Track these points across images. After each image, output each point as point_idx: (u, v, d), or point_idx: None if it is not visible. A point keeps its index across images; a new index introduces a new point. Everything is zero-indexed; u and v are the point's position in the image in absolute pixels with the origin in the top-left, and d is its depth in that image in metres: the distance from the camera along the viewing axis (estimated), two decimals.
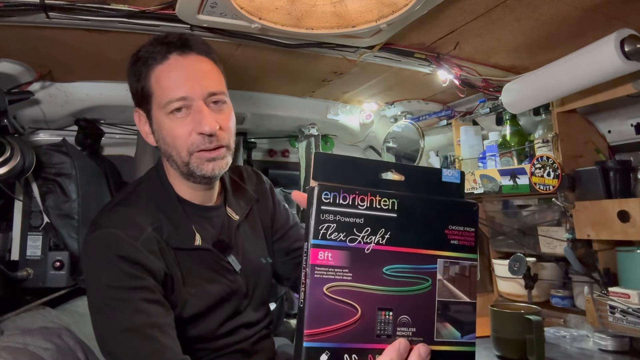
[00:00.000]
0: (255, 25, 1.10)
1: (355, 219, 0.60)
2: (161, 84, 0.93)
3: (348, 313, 0.58)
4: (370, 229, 0.60)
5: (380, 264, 0.60)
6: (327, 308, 0.57)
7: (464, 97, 1.67)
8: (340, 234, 0.59)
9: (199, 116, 0.93)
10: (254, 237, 1.12)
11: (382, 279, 0.60)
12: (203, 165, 0.95)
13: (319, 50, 1.36)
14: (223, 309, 1.00)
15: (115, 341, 0.83)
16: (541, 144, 1.46)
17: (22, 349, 1.05)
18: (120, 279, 0.85)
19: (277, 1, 1.05)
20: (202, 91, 0.93)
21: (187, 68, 0.94)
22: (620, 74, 1.13)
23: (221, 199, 1.09)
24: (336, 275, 0.58)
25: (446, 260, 0.62)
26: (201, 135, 0.93)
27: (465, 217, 0.64)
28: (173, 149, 0.95)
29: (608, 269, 1.36)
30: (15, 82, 1.41)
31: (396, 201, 0.61)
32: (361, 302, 0.58)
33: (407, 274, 0.61)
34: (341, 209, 0.59)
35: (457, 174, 0.68)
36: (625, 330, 1.22)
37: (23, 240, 1.50)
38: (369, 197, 0.60)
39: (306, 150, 2.23)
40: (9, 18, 1.06)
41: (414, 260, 0.61)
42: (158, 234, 0.93)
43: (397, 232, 0.61)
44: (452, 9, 1.09)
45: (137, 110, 1.01)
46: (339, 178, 0.62)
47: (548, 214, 1.59)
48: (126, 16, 1.09)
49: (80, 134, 1.79)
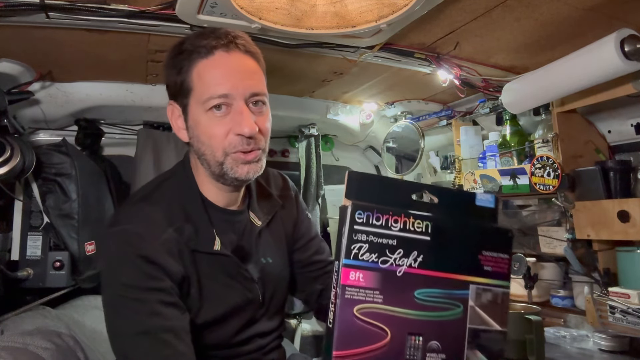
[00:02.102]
0: (255, 25, 1.10)
1: (388, 240, 0.59)
2: (203, 79, 0.90)
3: (377, 336, 0.57)
4: (402, 251, 0.59)
5: (411, 287, 0.59)
6: (356, 330, 0.56)
7: (464, 97, 1.67)
8: (373, 255, 0.58)
9: (239, 117, 0.90)
10: (275, 245, 1.08)
11: (413, 302, 0.59)
12: (238, 167, 0.92)
13: (319, 50, 1.36)
14: (238, 318, 0.97)
15: (129, 343, 0.82)
16: (541, 144, 1.46)
17: (22, 349, 1.05)
18: (138, 279, 0.83)
19: (277, 1, 1.05)
20: (245, 90, 0.91)
21: (232, 65, 0.91)
22: (620, 74, 1.13)
23: (245, 203, 1.05)
24: (367, 297, 0.58)
25: (479, 286, 0.61)
26: (239, 136, 0.90)
27: (499, 244, 0.63)
28: (208, 148, 0.92)
29: (608, 269, 1.35)
30: (15, 82, 1.41)
31: (430, 224, 0.60)
32: (391, 325, 0.58)
33: (439, 299, 0.60)
34: (374, 229, 0.59)
35: (491, 199, 0.66)
36: (625, 330, 1.22)
37: (23, 240, 1.50)
38: (402, 218, 0.60)
39: (306, 150, 2.23)
40: (9, 18, 1.06)
41: (446, 285, 0.60)
42: (178, 235, 0.90)
43: (430, 256, 0.60)
44: (452, 9, 1.09)
45: (171, 104, 0.97)
46: (371, 197, 0.61)
47: (548, 214, 1.59)
48: (126, 16, 1.09)
49: (80, 134, 1.79)
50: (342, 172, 2.56)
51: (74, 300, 1.57)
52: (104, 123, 1.89)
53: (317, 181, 2.23)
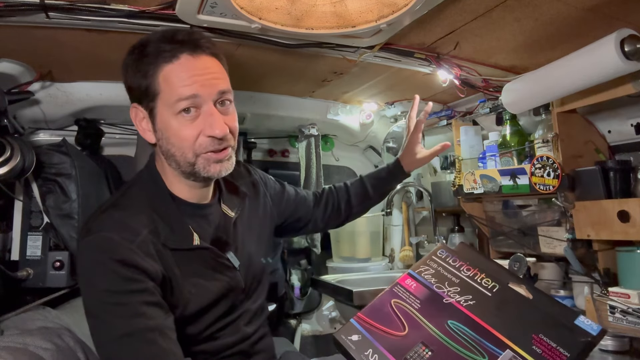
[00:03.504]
0: (255, 25, 1.10)
1: (452, 277, 0.70)
2: (171, 83, 0.91)
3: (396, 325, 0.68)
4: (459, 290, 0.69)
5: (449, 315, 0.67)
6: (385, 311, 0.70)
7: (464, 97, 1.67)
8: (433, 278, 0.71)
9: (209, 119, 0.92)
10: (250, 232, 1.13)
11: (442, 325, 0.66)
12: (210, 166, 0.95)
13: (319, 50, 1.36)
14: (221, 305, 1.00)
15: (114, 347, 0.82)
16: (541, 144, 1.46)
17: (22, 349, 1.05)
18: (117, 283, 0.84)
19: (277, 1, 1.05)
20: (212, 90, 0.93)
21: (198, 68, 0.93)
22: (620, 74, 1.13)
23: (216, 197, 1.08)
24: (407, 299, 0.70)
25: (516, 355, 0.62)
26: (210, 137, 0.92)
27: (567, 340, 0.63)
28: (178, 150, 0.94)
29: (608, 269, 1.35)
30: (15, 82, 1.41)
31: (497, 286, 0.67)
32: (412, 327, 0.67)
33: (467, 338, 0.65)
34: (446, 265, 0.71)
35: (596, 328, 0.66)
36: (625, 330, 1.22)
37: (23, 240, 1.50)
38: (475, 270, 0.70)
39: (306, 150, 2.23)
40: (9, 18, 1.06)
41: (483, 334, 0.65)
42: (154, 236, 0.91)
43: (482, 306, 0.67)
44: (452, 9, 1.09)
45: (135, 107, 0.98)
46: (466, 257, 0.72)
47: (548, 214, 1.59)
48: (126, 16, 1.09)
49: (80, 134, 1.79)
50: (342, 172, 2.56)
51: (74, 300, 1.57)
52: (104, 123, 1.89)
53: (317, 181, 2.23)
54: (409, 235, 2.33)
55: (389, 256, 2.41)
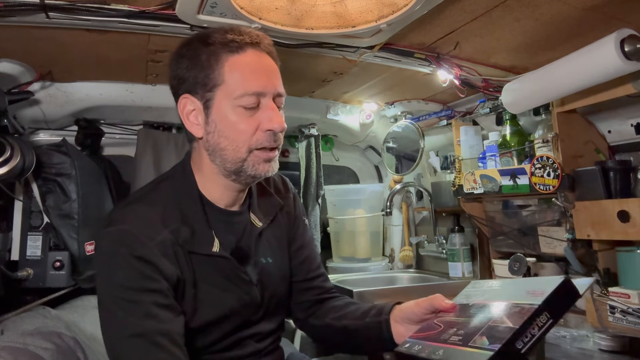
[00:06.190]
0: (255, 25, 1.10)
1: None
2: (235, 75, 0.89)
3: (435, 328, 0.88)
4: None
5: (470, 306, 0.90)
6: (427, 325, 0.92)
7: (464, 97, 1.67)
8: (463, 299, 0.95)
9: (270, 112, 0.91)
10: (275, 246, 1.07)
11: (467, 313, 0.88)
12: (259, 165, 0.93)
13: (319, 50, 1.36)
14: (232, 320, 0.96)
15: (123, 345, 0.81)
16: (541, 144, 1.46)
17: (22, 349, 1.05)
18: (133, 279, 0.83)
19: (277, 1, 1.05)
20: (275, 89, 0.93)
21: (264, 65, 0.92)
22: (620, 74, 1.13)
23: (245, 204, 1.04)
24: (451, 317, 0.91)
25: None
26: (267, 132, 0.91)
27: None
28: (231, 143, 0.91)
29: (608, 269, 1.35)
30: (15, 82, 1.41)
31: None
32: (446, 325, 0.87)
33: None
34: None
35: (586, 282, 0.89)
36: (625, 330, 1.22)
37: (23, 240, 1.50)
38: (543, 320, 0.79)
39: (306, 150, 2.23)
40: (9, 18, 1.06)
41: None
42: (174, 236, 0.89)
43: None
44: (452, 9, 1.09)
45: (186, 97, 0.93)
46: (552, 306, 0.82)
47: (548, 214, 1.59)
48: (126, 16, 1.09)
49: (80, 134, 1.79)
50: (342, 172, 2.56)
51: (74, 301, 1.57)
52: (104, 123, 1.89)
53: (317, 181, 2.23)
54: (409, 235, 2.33)
55: (389, 256, 2.41)
